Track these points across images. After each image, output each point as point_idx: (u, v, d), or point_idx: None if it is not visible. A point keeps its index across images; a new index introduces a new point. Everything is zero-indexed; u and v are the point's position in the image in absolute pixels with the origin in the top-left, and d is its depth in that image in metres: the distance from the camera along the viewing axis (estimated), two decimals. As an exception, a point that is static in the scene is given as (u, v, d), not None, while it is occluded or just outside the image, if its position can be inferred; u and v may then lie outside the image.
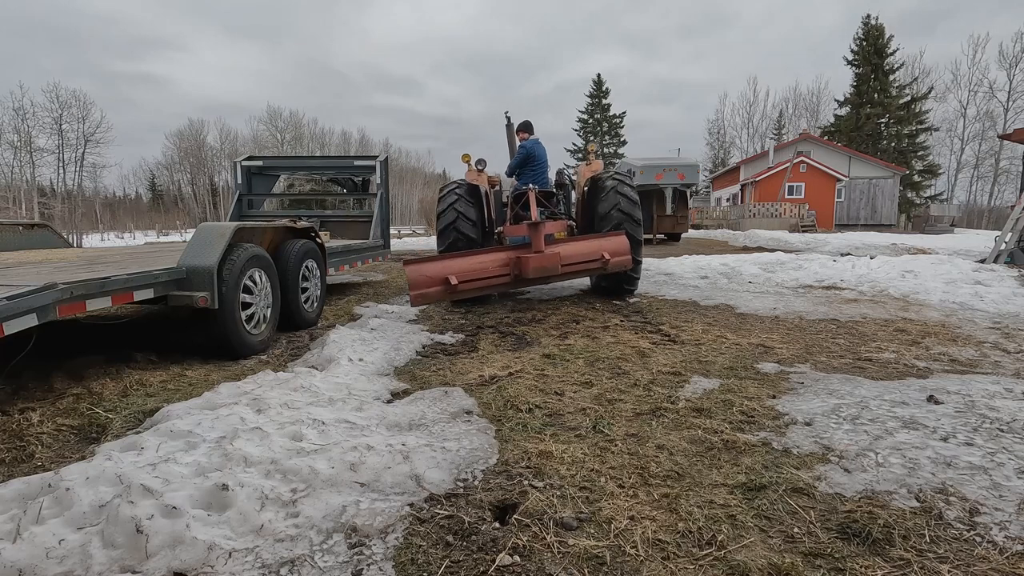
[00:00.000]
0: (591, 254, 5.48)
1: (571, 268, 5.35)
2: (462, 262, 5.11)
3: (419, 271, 4.94)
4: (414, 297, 4.85)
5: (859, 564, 1.66)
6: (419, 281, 4.86)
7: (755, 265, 9.21)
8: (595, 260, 5.46)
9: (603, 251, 5.50)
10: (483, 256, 5.27)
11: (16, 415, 2.92)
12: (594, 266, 5.49)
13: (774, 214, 28.24)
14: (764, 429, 2.67)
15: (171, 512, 1.82)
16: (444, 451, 2.44)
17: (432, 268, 4.96)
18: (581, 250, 5.50)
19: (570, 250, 5.45)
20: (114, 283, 3.35)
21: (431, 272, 4.95)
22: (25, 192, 37.98)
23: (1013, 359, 3.91)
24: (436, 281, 4.92)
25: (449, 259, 5.12)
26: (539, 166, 6.77)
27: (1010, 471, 2.15)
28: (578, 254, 5.44)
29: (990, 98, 45.93)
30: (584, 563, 1.69)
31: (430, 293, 4.91)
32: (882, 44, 42.11)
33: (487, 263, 5.18)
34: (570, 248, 5.51)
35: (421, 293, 4.86)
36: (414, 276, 4.86)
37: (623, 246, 5.69)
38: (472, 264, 5.12)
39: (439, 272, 4.94)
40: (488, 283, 5.15)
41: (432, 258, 5.11)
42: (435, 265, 4.98)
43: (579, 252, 5.46)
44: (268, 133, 60.33)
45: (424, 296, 4.89)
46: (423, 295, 4.89)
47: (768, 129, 57.20)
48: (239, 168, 8.70)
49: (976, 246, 14.24)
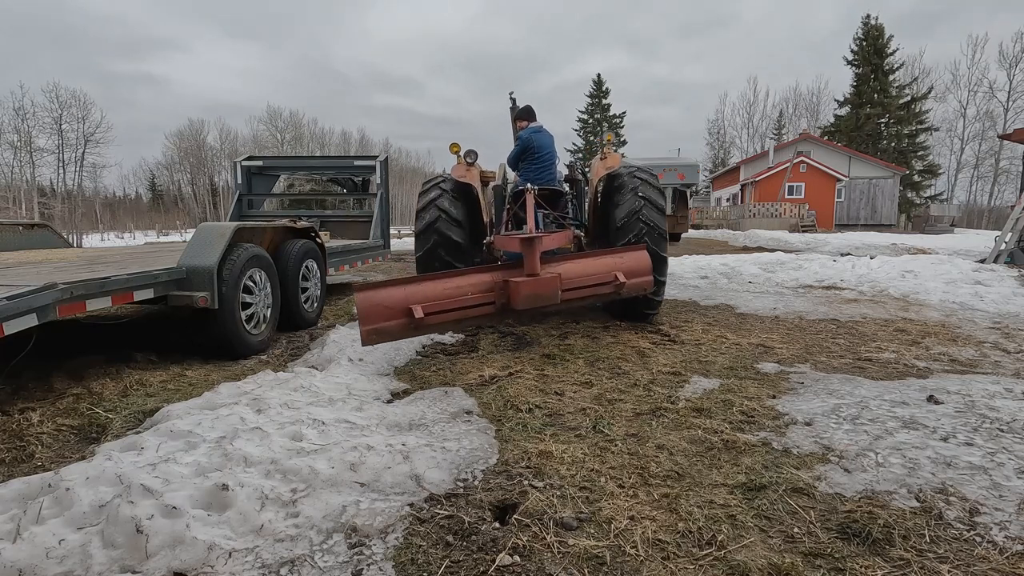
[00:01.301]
0: (601, 276, 4.20)
1: (574, 294, 4.11)
2: (431, 287, 3.79)
3: (373, 300, 3.64)
4: (365, 334, 3.60)
5: (859, 564, 1.66)
6: (373, 313, 3.61)
7: (755, 265, 9.21)
8: (606, 284, 4.18)
9: (617, 271, 4.19)
10: (459, 279, 3.92)
11: (16, 415, 2.92)
12: (604, 291, 4.22)
13: (774, 214, 28.24)
14: (764, 429, 2.67)
15: (171, 512, 1.82)
16: (444, 451, 2.44)
17: (390, 296, 3.67)
18: (588, 270, 4.24)
19: (574, 270, 4.17)
20: (114, 283, 3.35)
21: (389, 301, 3.65)
22: (25, 192, 37.99)
23: (1013, 359, 3.91)
24: (395, 312, 3.65)
25: (413, 283, 3.79)
26: (542, 160, 5.45)
27: (1010, 471, 2.15)
28: (584, 275, 4.18)
29: (990, 98, 46.00)
30: (584, 563, 1.69)
31: (388, 328, 3.65)
32: (882, 44, 42.12)
33: (464, 288, 3.86)
34: (574, 268, 4.22)
35: (375, 329, 3.61)
36: (366, 307, 3.60)
37: (642, 264, 4.37)
38: (444, 289, 3.81)
39: (399, 300, 3.66)
40: (465, 315, 3.86)
41: (391, 283, 3.79)
42: (394, 292, 3.69)
43: (585, 273, 4.21)
44: (268, 133, 60.35)
45: (379, 332, 3.63)
46: (378, 331, 3.62)
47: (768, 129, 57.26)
48: (239, 168, 8.70)
49: (976, 246, 14.24)
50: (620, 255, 4.39)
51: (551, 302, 3.93)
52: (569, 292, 4.04)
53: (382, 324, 3.62)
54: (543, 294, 3.86)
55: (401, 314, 3.65)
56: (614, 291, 4.21)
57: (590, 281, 4.17)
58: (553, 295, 3.89)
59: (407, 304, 3.64)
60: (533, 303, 3.84)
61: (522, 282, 3.80)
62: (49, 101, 39.58)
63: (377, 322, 3.60)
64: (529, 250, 3.93)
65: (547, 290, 3.87)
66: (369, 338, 3.61)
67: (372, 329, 3.60)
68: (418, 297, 3.69)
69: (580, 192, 6.28)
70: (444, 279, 3.89)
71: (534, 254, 3.92)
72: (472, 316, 3.91)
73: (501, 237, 4.77)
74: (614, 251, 4.48)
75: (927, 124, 43.32)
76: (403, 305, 3.65)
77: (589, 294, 4.22)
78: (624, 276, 4.16)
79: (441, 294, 3.77)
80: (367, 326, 3.59)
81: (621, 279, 4.14)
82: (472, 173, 5.33)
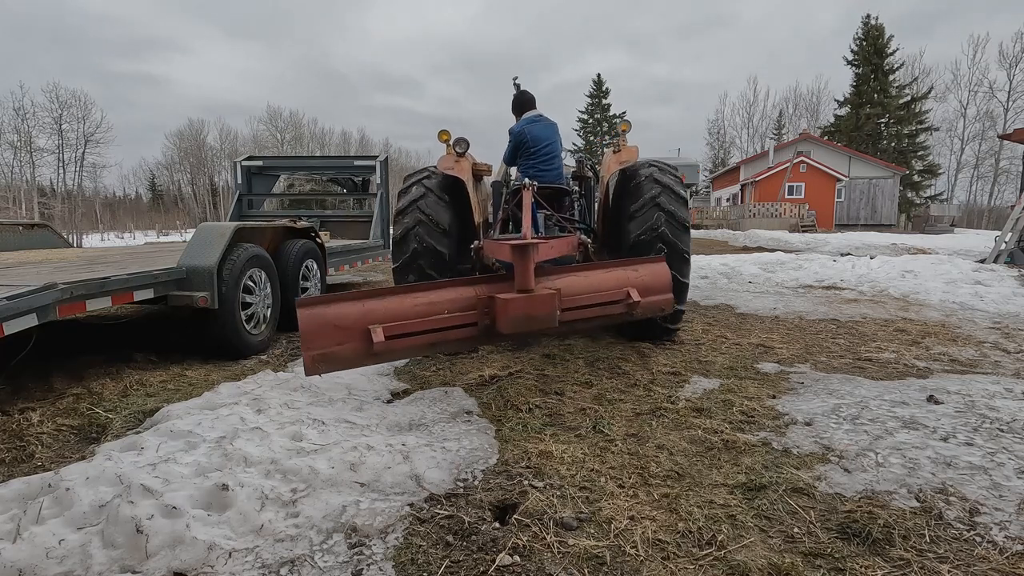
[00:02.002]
0: (610, 292, 3.43)
1: (576, 315, 3.31)
2: (396, 303, 2.98)
3: (320, 318, 2.81)
4: (310, 361, 2.75)
5: (859, 564, 1.66)
6: (320, 335, 2.78)
7: (755, 265, 9.22)
8: (615, 302, 3.41)
9: (630, 287, 3.42)
10: (432, 293, 3.09)
11: (16, 415, 2.92)
12: (614, 311, 3.44)
13: (774, 214, 28.24)
14: (764, 429, 2.68)
15: (171, 512, 1.82)
16: (444, 451, 2.44)
17: (343, 313, 2.85)
18: (594, 285, 3.43)
19: (576, 285, 3.36)
20: (114, 283, 3.35)
21: (342, 319, 2.83)
22: (25, 192, 38.00)
23: (1013, 359, 3.91)
24: (349, 334, 2.82)
25: (374, 298, 2.96)
26: (542, 154, 4.64)
27: (1010, 471, 2.15)
28: (589, 292, 3.38)
29: (990, 98, 45.98)
30: (584, 563, 1.69)
31: (339, 355, 2.81)
32: (882, 44, 42.11)
33: (439, 305, 3.05)
34: (577, 282, 3.39)
35: (323, 356, 2.77)
36: (311, 327, 2.78)
37: (661, 279, 3.58)
38: (413, 306, 3.00)
39: (355, 319, 2.84)
40: (439, 338, 3.03)
41: (345, 297, 2.93)
42: (348, 308, 2.86)
43: (591, 288, 3.40)
44: (268, 133, 60.33)
45: (328, 360, 2.79)
46: (326, 358, 2.78)
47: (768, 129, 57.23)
48: (239, 168, 8.70)
49: (976, 246, 14.24)
50: (634, 267, 3.59)
51: (546, 325, 3.10)
52: (570, 312, 3.26)
53: (332, 349, 2.78)
54: (537, 315, 3.03)
55: (356, 337, 2.82)
56: (625, 312, 3.43)
57: (596, 299, 3.38)
58: (549, 316, 3.06)
59: (364, 324, 2.81)
60: (524, 326, 3.03)
61: (511, 300, 2.97)
62: (49, 101, 39.65)
63: (325, 346, 2.77)
64: (521, 259, 3.07)
65: (542, 310, 3.05)
66: (314, 366, 2.75)
67: (318, 356, 2.75)
68: (379, 315, 2.87)
69: (589, 192, 5.49)
70: (414, 293, 3.06)
71: (527, 264, 3.08)
72: (448, 340, 3.07)
73: (490, 242, 3.94)
74: (627, 262, 3.65)
75: (927, 124, 43.32)
76: (360, 325, 2.82)
77: (595, 315, 3.42)
78: (638, 293, 3.40)
79: (409, 312, 2.94)
80: (312, 351, 2.74)
81: (634, 297, 3.36)
82: (462, 165, 4.48)
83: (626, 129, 4.60)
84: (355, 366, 2.95)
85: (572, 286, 3.34)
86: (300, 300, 2.81)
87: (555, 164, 4.70)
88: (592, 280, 3.46)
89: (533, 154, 4.62)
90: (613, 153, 4.57)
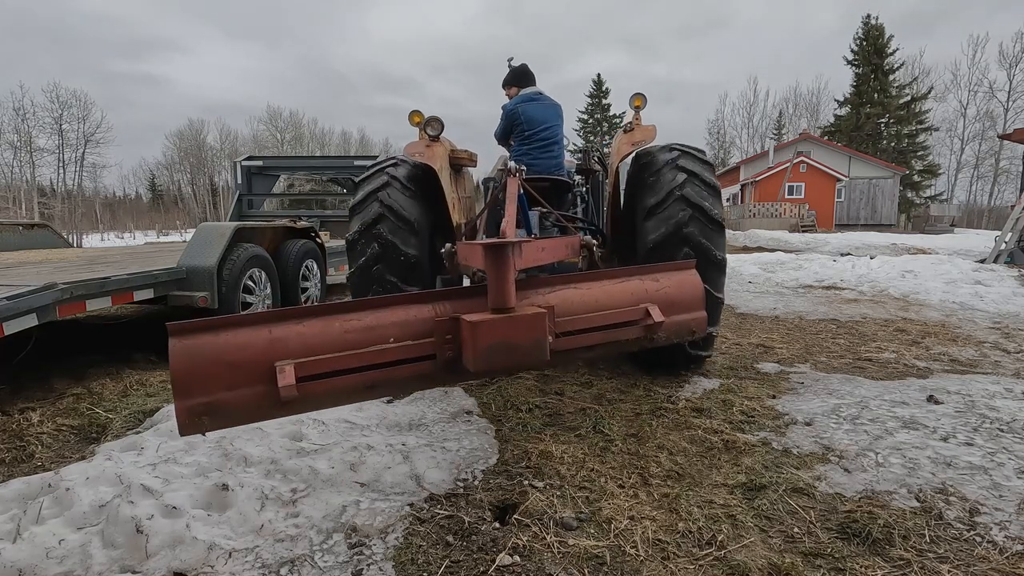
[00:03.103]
0: (621, 311, 2.38)
1: (576, 342, 2.30)
2: (319, 328, 1.96)
3: (201, 352, 1.78)
4: (185, 415, 1.73)
5: (859, 564, 1.66)
6: (200, 377, 1.76)
7: (755, 265, 9.22)
8: (630, 324, 2.39)
9: (648, 303, 2.41)
10: (373, 314, 2.06)
11: (16, 415, 2.92)
12: (628, 335, 2.40)
13: (774, 214, 28.23)
14: (764, 429, 2.68)
15: (171, 512, 1.83)
16: (444, 451, 2.44)
17: (238, 343, 1.83)
18: (600, 300, 2.40)
19: (575, 301, 2.36)
20: (114, 283, 3.36)
21: (235, 353, 1.82)
22: (25, 192, 38.02)
23: (1013, 359, 3.91)
24: (246, 375, 1.81)
25: (285, 321, 1.94)
26: (538, 138, 3.84)
27: (1010, 471, 2.15)
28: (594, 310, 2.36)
29: (990, 98, 45.94)
30: (584, 563, 1.69)
31: (229, 405, 1.79)
32: (882, 44, 42.11)
33: (382, 330, 2.04)
34: (576, 297, 2.38)
35: (205, 406, 1.76)
36: (187, 365, 1.75)
37: (690, 292, 2.56)
38: (343, 333, 1.98)
39: (256, 353, 1.84)
40: (379, 377, 1.99)
41: (241, 321, 1.88)
42: (245, 337, 1.85)
43: (596, 305, 2.38)
44: (268, 133, 60.34)
45: (213, 412, 1.77)
46: (210, 410, 1.77)
47: (768, 129, 57.20)
48: (239, 168, 8.71)
49: (976, 246, 14.24)
50: (654, 276, 2.52)
51: (532, 359, 2.08)
52: (568, 339, 2.25)
53: (219, 397, 1.76)
54: (518, 344, 2.03)
55: (256, 379, 1.80)
56: (643, 336, 2.41)
57: (603, 319, 2.34)
58: (535, 346, 2.06)
59: (269, 360, 1.82)
60: (500, 360, 2.01)
61: (481, 323, 1.98)
62: (49, 101, 39.66)
63: (210, 393, 1.75)
64: (497, 265, 2.10)
65: (525, 337, 2.05)
66: (193, 423, 1.73)
67: (199, 407, 1.73)
68: (292, 347, 1.87)
69: (598, 187, 4.59)
70: (346, 314, 2.01)
71: (504, 272, 2.10)
72: (393, 380, 2.03)
73: (464, 245, 2.89)
74: (645, 270, 2.57)
75: (927, 124, 43.31)
76: (262, 362, 1.81)
77: (601, 341, 2.35)
78: (660, 312, 2.37)
79: (337, 341, 1.94)
80: (187, 400, 1.72)
81: (655, 316, 2.34)
82: (434, 151, 3.54)
83: (640, 105, 3.62)
84: (256, 420, 1.92)
85: (570, 302, 2.34)
86: (173, 326, 1.76)
87: (554, 152, 3.94)
88: (597, 294, 2.42)
89: (527, 138, 3.85)
90: (624, 133, 3.59)
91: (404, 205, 3.39)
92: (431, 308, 2.14)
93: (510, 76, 4.12)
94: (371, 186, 3.47)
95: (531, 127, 3.84)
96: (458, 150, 3.93)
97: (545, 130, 3.87)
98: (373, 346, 2.00)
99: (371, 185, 3.48)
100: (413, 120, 3.64)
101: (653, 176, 3.36)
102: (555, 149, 3.94)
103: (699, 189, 3.23)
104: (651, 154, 3.49)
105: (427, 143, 3.59)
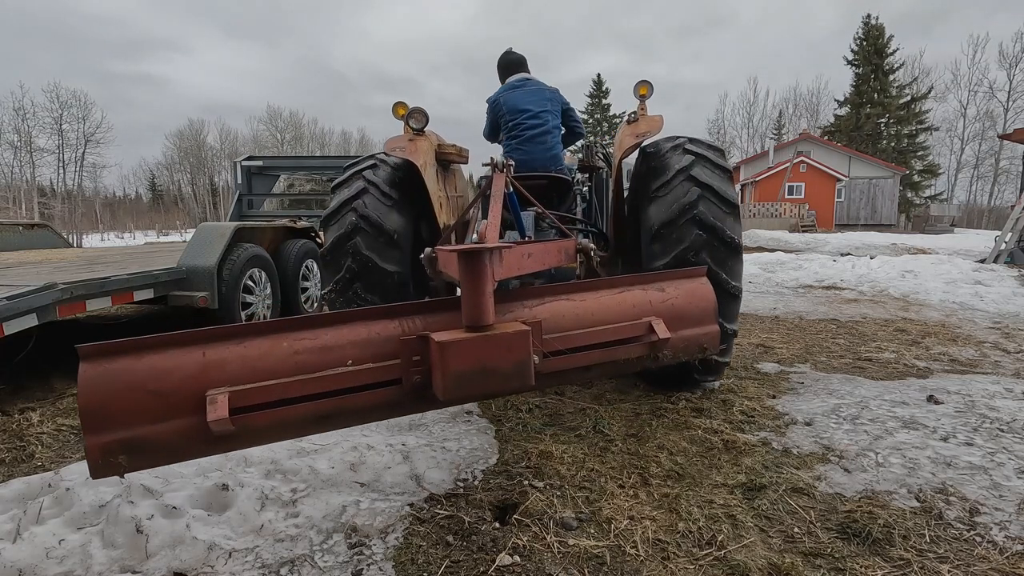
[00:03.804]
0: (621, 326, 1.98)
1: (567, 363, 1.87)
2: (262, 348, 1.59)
3: (114, 379, 1.46)
4: (97, 454, 1.39)
5: (859, 564, 1.66)
6: (115, 408, 1.43)
7: (755, 265, 9.21)
8: (630, 341, 1.98)
9: (652, 316, 2.03)
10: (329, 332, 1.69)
11: (16, 415, 2.92)
12: (628, 354, 1.98)
13: (774, 214, 28.24)
14: (764, 429, 2.68)
15: (171, 512, 1.83)
16: (444, 451, 2.44)
17: (164, 367, 1.48)
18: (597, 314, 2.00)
19: (569, 316, 1.97)
20: (114, 283, 3.36)
21: (155, 381, 1.46)
22: (25, 192, 38.03)
23: (1013, 359, 3.91)
24: (173, 405, 1.46)
25: (222, 340, 1.57)
26: (524, 127, 3.51)
27: (1010, 471, 2.15)
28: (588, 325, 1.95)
29: (990, 98, 45.93)
30: (584, 563, 1.69)
31: (151, 442, 1.44)
32: (882, 44, 42.11)
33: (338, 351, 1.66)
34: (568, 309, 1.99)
35: (121, 442, 1.42)
36: (98, 394, 1.43)
37: (700, 302, 2.19)
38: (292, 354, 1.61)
39: (181, 379, 1.48)
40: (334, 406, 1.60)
41: (168, 341, 1.51)
42: (172, 360, 1.50)
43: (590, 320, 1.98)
44: (268, 133, 60.34)
45: (132, 449, 1.43)
46: (129, 447, 1.42)
47: (768, 129, 57.18)
48: (239, 168, 8.71)
49: (976, 246, 14.25)
50: (659, 285, 2.17)
51: (515, 384, 1.72)
52: (556, 360, 1.84)
53: (137, 432, 1.45)
54: (495, 367, 1.66)
55: (184, 410, 1.49)
56: (646, 355, 2.03)
57: (599, 336, 1.94)
58: (517, 370, 1.69)
59: (201, 387, 1.50)
60: (474, 387, 1.66)
61: (452, 344, 1.63)
62: (49, 101, 39.70)
63: (126, 427, 1.44)
64: (472, 274, 1.74)
65: (504, 360, 1.68)
66: (105, 463, 1.43)
67: (114, 444, 1.43)
68: (230, 372, 1.55)
69: (601, 185, 4.25)
70: (296, 332, 1.67)
71: (481, 283, 1.74)
72: (351, 410, 1.68)
73: (442, 250, 2.38)
74: (647, 278, 2.19)
75: (927, 124, 43.30)
76: (192, 389, 1.50)
77: (597, 361, 1.94)
78: (665, 327, 2.00)
79: (284, 365, 1.61)
80: (100, 436, 1.42)
81: (660, 332, 1.98)
82: (418, 146, 3.25)
83: (645, 93, 3.24)
84: (185, 459, 1.59)
85: (561, 316, 1.97)
86: (85, 348, 1.53)
87: (546, 143, 3.52)
88: (593, 306, 2.05)
89: (511, 129, 3.50)
90: (628, 124, 3.22)
91: (383, 215, 3.06)
92: (398, 324, 1.80)
93: (499, 68, 3.83)
94: (345, 194, 3.13)
95: (514, 116, 3.52)
96: (446, 144, 3.61)
97: (531, 117, 3.50)
98: (327, 370, 1.64)
99: (345, 193, 3.13)
100: (397, 112, 3.36)
101: (659, 165, 3.06)
102: (547, 139, 3.54)
103: (708, 169, 2.93)
104: (657, 145, 3.19)
105: (410, 137, 3.30)
